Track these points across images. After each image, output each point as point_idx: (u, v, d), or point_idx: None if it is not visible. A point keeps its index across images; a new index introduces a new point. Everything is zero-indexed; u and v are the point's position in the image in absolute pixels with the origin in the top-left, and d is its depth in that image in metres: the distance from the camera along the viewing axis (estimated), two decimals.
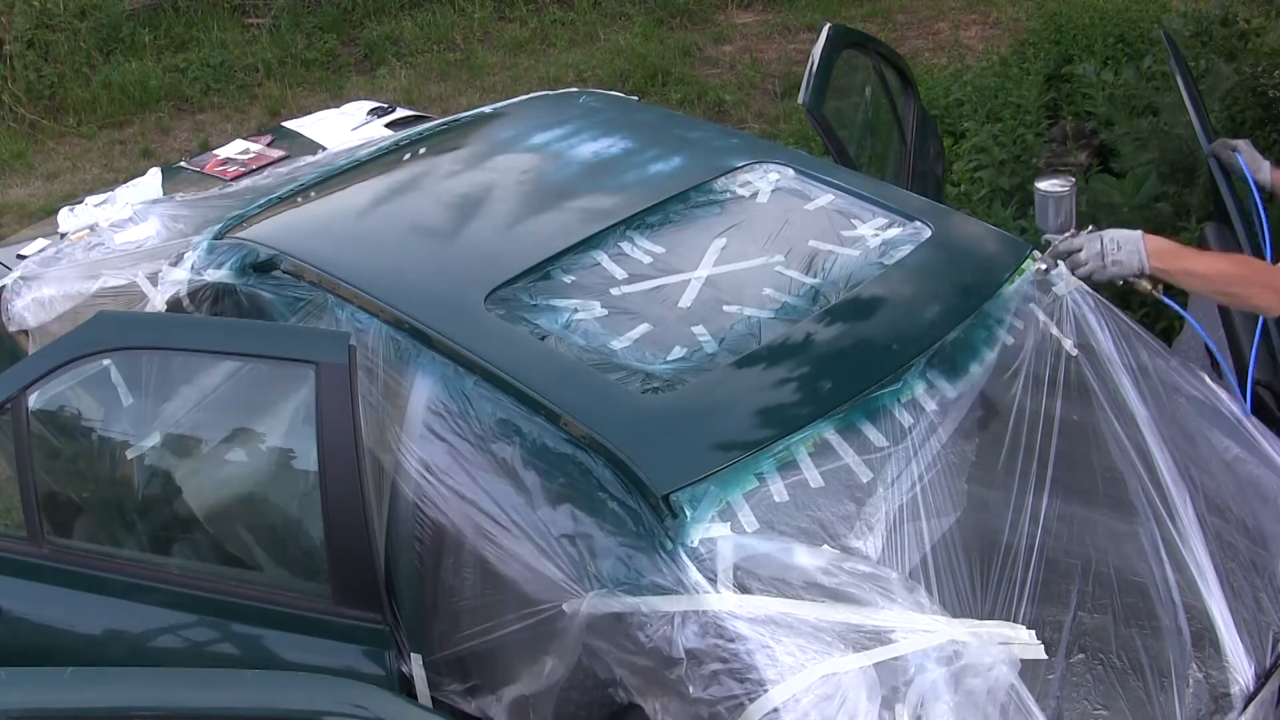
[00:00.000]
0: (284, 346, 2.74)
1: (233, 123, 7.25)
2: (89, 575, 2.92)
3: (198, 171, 4.50)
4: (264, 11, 8.29)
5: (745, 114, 7.01)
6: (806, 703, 2.24)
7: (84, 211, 3.89)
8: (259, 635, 2.81)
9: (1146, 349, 2.98)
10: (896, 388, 2.66)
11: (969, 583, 2.51)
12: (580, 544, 2.46)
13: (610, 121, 3.55)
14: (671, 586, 2.36)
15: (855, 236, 3.08)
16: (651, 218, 3.08)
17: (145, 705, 2.30)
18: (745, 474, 2.47)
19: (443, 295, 2.84)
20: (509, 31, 8.21)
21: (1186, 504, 2.76)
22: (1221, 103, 5.34)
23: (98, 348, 2.85)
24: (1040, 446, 2.71)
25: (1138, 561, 2.67)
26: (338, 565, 2.70)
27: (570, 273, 2.91)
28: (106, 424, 3.09)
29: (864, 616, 2.33)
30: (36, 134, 7.25)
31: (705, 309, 2.82)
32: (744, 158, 3.33)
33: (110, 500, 3.16)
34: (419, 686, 2.73)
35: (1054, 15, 6.69)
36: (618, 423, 2.53)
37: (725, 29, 8.14)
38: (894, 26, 8.01)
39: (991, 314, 2.88)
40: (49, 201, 6.23)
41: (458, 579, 2.66)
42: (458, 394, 2.65)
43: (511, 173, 3.30)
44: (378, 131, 4.62)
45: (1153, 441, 2.82)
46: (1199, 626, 2.61)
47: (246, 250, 3.03)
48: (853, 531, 2.47)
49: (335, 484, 2.65)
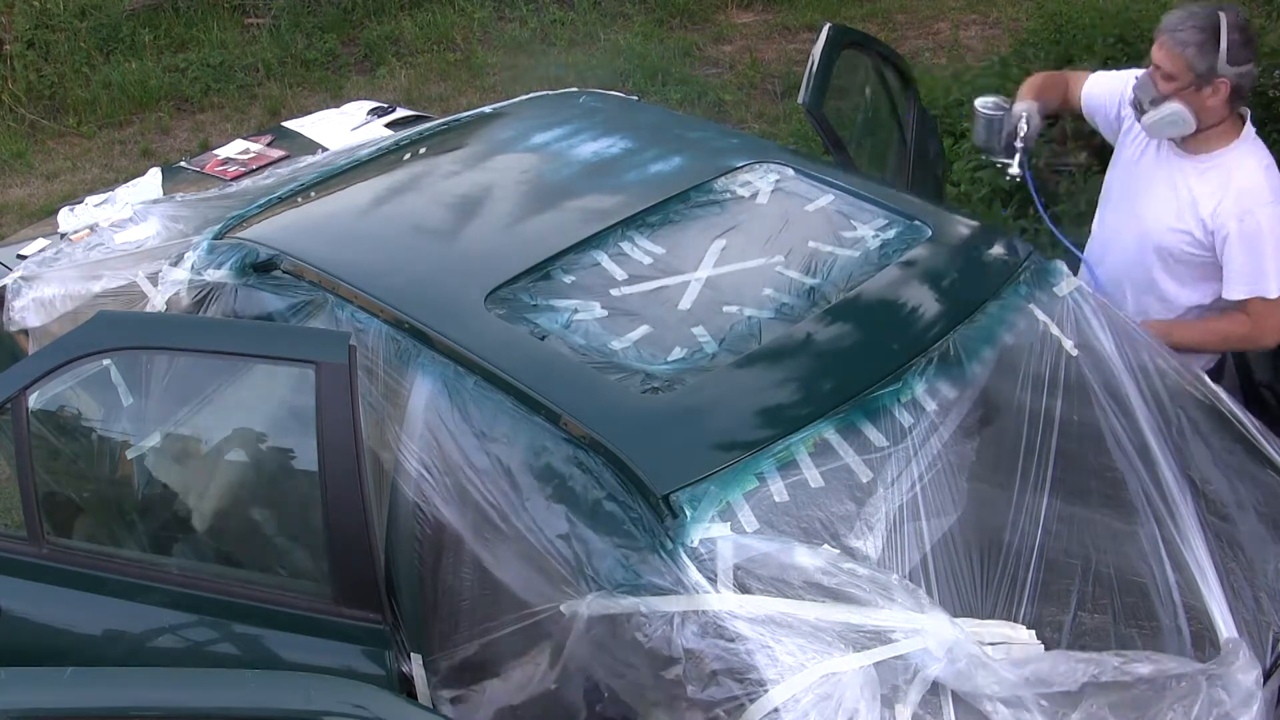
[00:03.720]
0: (284, 346, 2.74)
1: (233, 123, 7.25)
2: (89, 575, 2.92)
3: (198, 171, 4.50)
4: (264, 11, 8.29)
5: (745, 114, 7.01)
6: (806, 703, 2.24)
7: (84, 211, 3.89)
8: (259, 635, 2.81)
9: (1146, 349, 2.99)
10: (896, 388, 2.66)
11: (969, 583, 2.51)
12: (579, 544, 2.46)
13: (610, 121, 3.55)
14: (671, 587, 2.35)
15: (855, 237, 3.08)
16: (651, 218, 3.08)
17: (145, 705, 2.30)
18: (745, 474, 2.47)
19: (443, 295, 2.84)
20: (509, 31, 8.21)
21: (1187, 504, 2.76)
22: None
23: (98, 348, 2.85)
24: (1040, 446, 2.71)
25: (1138, 561, 2.67)
26: (338, 565, 2.70)
27: (570, 273, 2.91)
28: (106, 424, 3.09)
29: (864, 616, 2.33)
30: (36, 134, 7.25)
31: (705, 309, 2.83)
32: (744, 158, 3.33)
33: (110, 500, 3.16)
34: (419, 686, 2.73)
35: (1054, 15, 6.69)
36: (618, 423, 2.53)
37: (725, 29, 8.14)
38: (894, 26, 8.02)
39: (991, 314, 2.88)
40: (49, 201, 6.24)
41: (458, 579, 2.66)
42: (458, 394, 2.65)
43: (511, 173, 3.30)
44: (378, 131, 4.62)
45: (1153, 441, 2.82)
46: (1199, 626, 2.61)
47: (246, 250, 3.03)
48: (853, 531, 2.47)
49: (335, 484, 2.65)
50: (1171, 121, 3.18)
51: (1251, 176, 3.20)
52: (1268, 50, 5.66)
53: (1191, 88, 3.14)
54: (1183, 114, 3.17)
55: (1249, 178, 3.19)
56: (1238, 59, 3.11)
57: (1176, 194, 3.27)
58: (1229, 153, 3.23)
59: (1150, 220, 3.31)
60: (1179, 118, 3.17)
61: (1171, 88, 3.16)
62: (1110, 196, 3.49)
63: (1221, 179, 3.19)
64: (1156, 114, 3.19)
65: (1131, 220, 3.37)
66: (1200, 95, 3.15)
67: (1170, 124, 3.19)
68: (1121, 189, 3.43)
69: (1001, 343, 2.85)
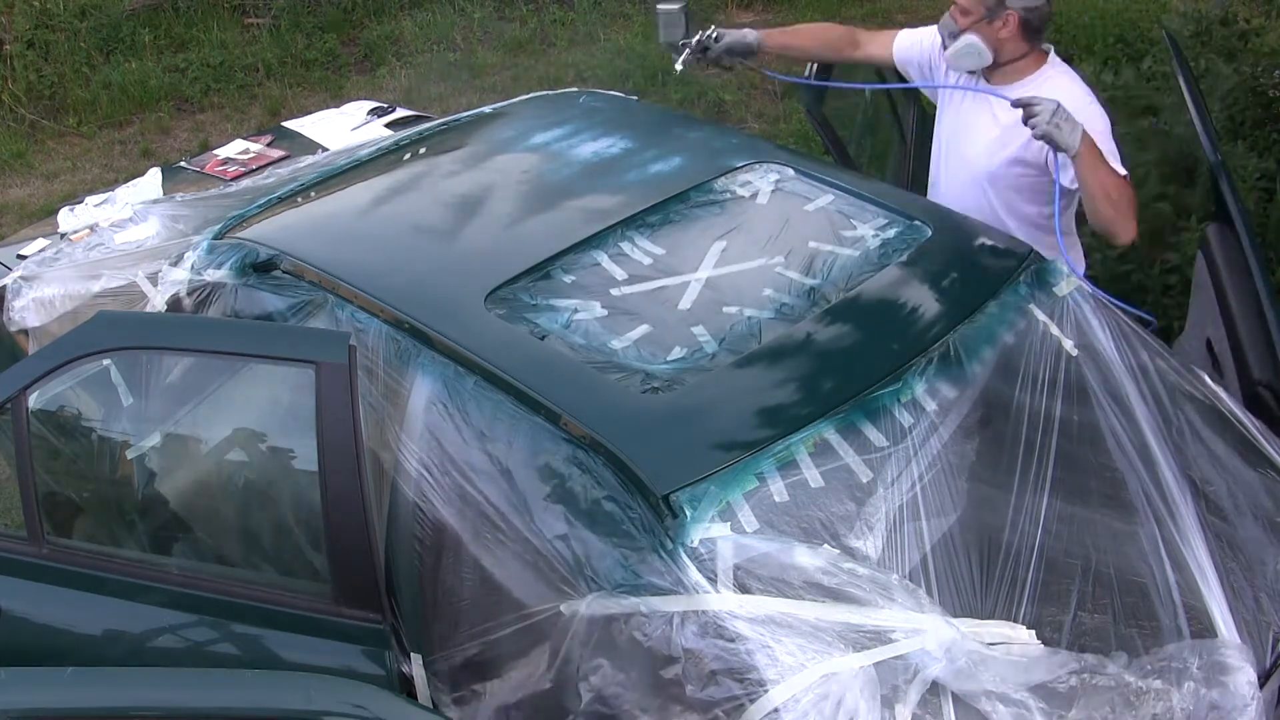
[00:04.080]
0: (284, 346, 2.74)
1: (233, 123, 7.25)
2: (89, 575, 2.92)
3: (198, 171, 4.50)
4: (264, 11, 8.28)
5: (745, 114, 7.01)
6: (806, 702, 2.24)
7: (84, 211, 3.89)
8: (259, 635, 2.81)
9: (1147, 349, 2.99)
10: (896, 388, 2.66)
11: (969, 582, 2.51)
12: (579, 544, 2.46)
13: (610, 121, 3.55)
14: (671, 587, 2.35)
15: (855, 237, 3.08)
16: (651, 218, 3.08)
17: (145, 705, 2.30)
18: (745, 474, 2.47)
19: (443, 295, 2.84)
20: (509, 31, 8.21)
21: (1187, 504, 2.76)
22: (1221, 103, 5.34)
23: (98, 348, 2.85)
24: (1040, 446, 2.71)
25: (1138, 561, 2.67)
26: (338, 565, 2.70)
27: (570, 273, 2.91)
28: (106, 424, 3.09)
29: (864, 616, 2.33)
30: (36, 134, 7.25)
31: (705, 309, 2.83)
32: (744, 158, 3.33)
33: (110, 500, 3.16)
34: (419, 686, 2.73)
35: (1054, 15, 6.69)
36: (618, 423, 2.53)
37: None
38: (894, 26, 7.99)
39: (991, 314, 2.88)
40: (49, 201, 6.23)
41: (458, 579, 2.66)
42: (458, 394, 2.65)
43: (511, 173, 3.30)
44: (378, 131, 4.62)
45: (1153, 441, 2.82)
46: (1199, 626, 2.61)
47: (246, 250, 3.02)
48: (853, 531, 2.47)
49: (335, 484, 2.65)
50: (968, 52, 3.42)
51: (1063, 88, 3.38)
52: (1268, 50, 5.67)
53: (984, 20, 3.39)
54: (977, 45, 3.41)
55: (1060, 89, 3.36)
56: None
57: (998, 123, 3.44)
58: (1036, 78, 3.45)
59: (979, 156, 3.49)
60: (975, 49, 3.41)
61: (967, 21, 3.41)
62: (940, 145, 3.67)
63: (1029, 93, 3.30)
64: (955, 46, 3.43)
65: (962, 164, 3.55)
66: (992, 28, 3.39)
67: (967, 54, 3.43)
68: (949, 135, 3.62)
69: (1001, 343, 2.85)
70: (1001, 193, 3.47)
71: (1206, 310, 3.52)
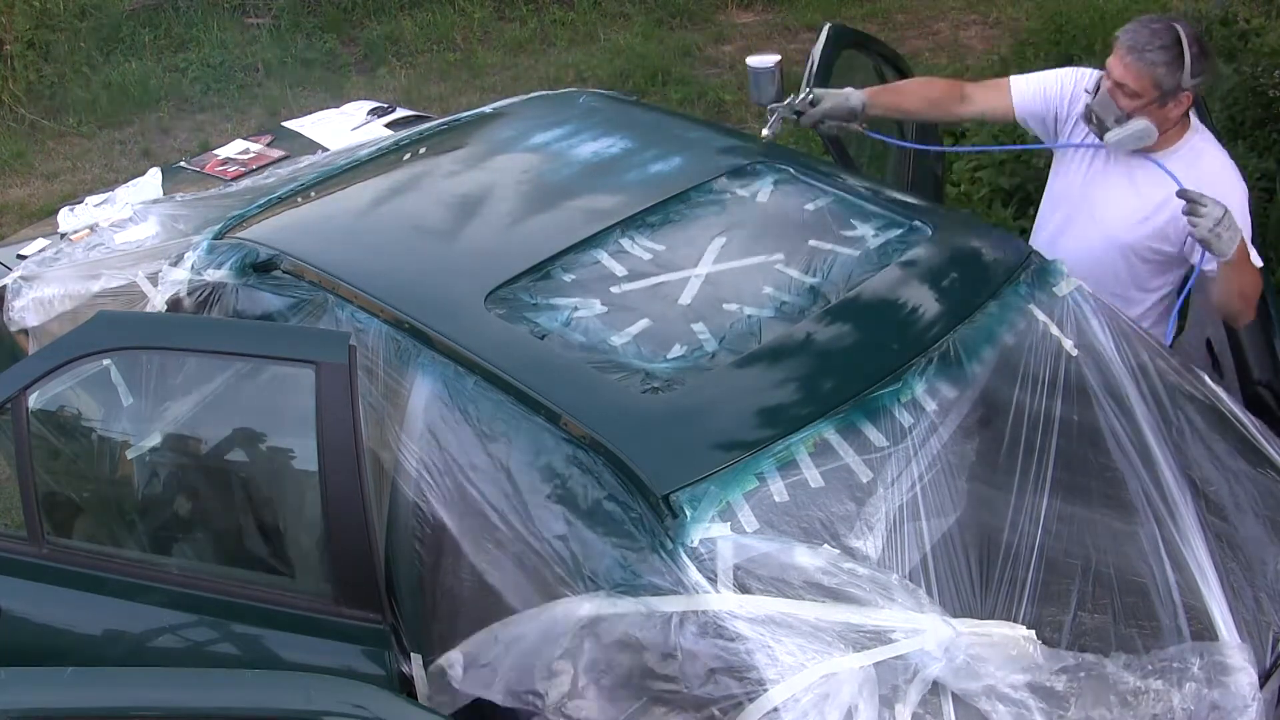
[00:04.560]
0: (284, 346, 2.74)
1: (233, 123, 7.25)
2: (89, 575, 2.92)
3: (198, 171, 4.50)
4: (264, 11, 8.29)
5: (745, 114, 7.01)
6: (806, 702, 2.24)
7: (84, 211, 3.89)
8: (259, 635, 2.81)
9: (1146, 349, 2.99)
10: (896, 388, 2.66)
11: (969, 582, 2.51)
12: (579, 544, 2.46)
13: (610, 121, 3.55)
14: (671, 587, 2.35)
15: (855, 236, 3.08)
16: (651, 217, 3.08)
17: (145, 705, 2.30)
18: (745, 474, 2.46)
19: (443, 295, 2.84)
20: (509, 31, 8.21)
21: (1187, 504, 2.76)
22: (1221, 103, 5.35)
23: (98, 348, 2.85)
24: (1040, 446, 2.71)
25: (1138, 561, 2.67)
26: (338, 565, 2.70)
27: (570, 272, 2.91)
28: (106, 424, 3.09)
29: (864, 616, 2.33)
30: (36, 134, 7.25)
31: (705, 306, 2.82)
32: (744, 157, 3.33)
33: (110, 500, 3.16)
34: (419, 686, 2.73)
35: (1054, 15, 6.70)
36: (617, 422, 2.53)
37: (725, 29, 8.14)
38: (894, 26, 8.01)
39: (991, 314, 2.88)
40: (49, 201, 6.24)
41: (458, 579, 2.66)
42: (458, 394, 2.65)
43: (511, 172, 3.30)
44: (378, 131, 4.62)
45: (1153, 441, 2.82)
46: (1199, 627, 2.61)
47: (246, 250, 3.03)
48: (853, 531, 2.47)
49: (335, 484, 2.65)
50: (1139, 138, 3.22)
51: (1214, 164, 3.26)
52: (1268, 50, 5.67)
53: (1156, 104, 3.18)
54: (1149, 129, 3.21)
55: (1211, 166, 3.25)
56: (1198, 71, 3.16)
57: (1139, 192, 3.29)
58: (1183, 147, 3.28)
59: (1115, 222, 3.33)
60: (1146, 133, 3.21)
61: (1137, 105, 3.19)
62: (1062, 203, 3.48)
63: (1183, 171, 3.22)
64: (1123, 131, 3.22)
65: (1093, 225, 3.37)
66: (1164, 109, 3.19)
67: (1137, 139, 3.23)
68: (1079, 195, 3.43)
69: (1001, 343, 2.84)
70: (1134, 265, 3.34)
71: (1206, 310, 3.51)
